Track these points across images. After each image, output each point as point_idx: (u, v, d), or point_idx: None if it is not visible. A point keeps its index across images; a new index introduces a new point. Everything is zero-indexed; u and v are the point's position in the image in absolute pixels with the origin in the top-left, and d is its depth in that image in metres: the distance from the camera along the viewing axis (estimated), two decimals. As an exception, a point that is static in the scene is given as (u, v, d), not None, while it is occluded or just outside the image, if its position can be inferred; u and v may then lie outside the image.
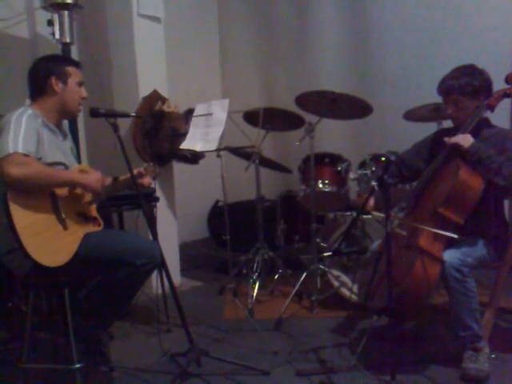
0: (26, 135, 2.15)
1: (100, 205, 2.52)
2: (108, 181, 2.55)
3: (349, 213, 3.50)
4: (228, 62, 5.37)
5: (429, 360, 2.53)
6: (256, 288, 3.45)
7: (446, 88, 2.51)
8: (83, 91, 2.46)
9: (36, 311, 2.64)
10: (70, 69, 2.42)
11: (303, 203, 3.70)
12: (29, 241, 2.05)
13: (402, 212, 2.57)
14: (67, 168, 2.37)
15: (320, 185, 3.52)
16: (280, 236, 4.02)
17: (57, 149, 2.36)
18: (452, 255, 2.31)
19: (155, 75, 3.75)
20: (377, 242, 2.76)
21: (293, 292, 3.28)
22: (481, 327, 2.39)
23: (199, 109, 3.23)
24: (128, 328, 3.11)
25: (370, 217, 3.21)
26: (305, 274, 3.33)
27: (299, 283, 3.30)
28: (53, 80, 2.36)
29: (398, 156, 2.82)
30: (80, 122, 3.74)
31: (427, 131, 2.89)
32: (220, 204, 4.68)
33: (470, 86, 2.46)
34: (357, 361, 2.54)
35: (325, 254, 3.28)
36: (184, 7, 4.93)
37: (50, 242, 2.15)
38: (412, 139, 2.90)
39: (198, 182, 4.84)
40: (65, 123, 2.58)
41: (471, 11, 3.92)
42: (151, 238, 2.55)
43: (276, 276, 3.70)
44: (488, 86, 2.51)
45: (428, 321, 2.94)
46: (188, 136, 3.17)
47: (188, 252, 4.63)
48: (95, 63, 3.82)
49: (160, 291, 3.20)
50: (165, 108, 3.58)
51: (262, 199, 3.90)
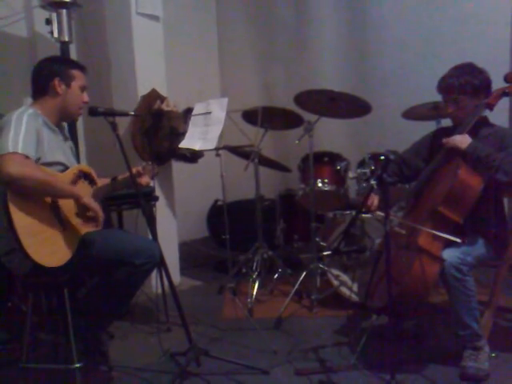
0: (27, 135, 2.15)
1: (99, 204, 2.51)
2: (106, 181, 2.55)
3: (348, 212, 3.49)
4: (227, 61, 5.37)
5: (428, 359, 2.54)
6: (255, 287, 3.45)
7: (446, 86, 2.51)
8: (85, 96, 2.45)
9: (36, 311, 2.63)
10: (75, 72, 2.41)
11: (302, 202, 3.70)
12: (28, 241, 2.05)
13: (402, 211, 2.57)
14: (67, 168, 2.37)
15: (319, 184, 3.53)
16: (279, 235, 4.02)
17: (57, 148, 2.35)
18: (451, 254, 2.31)
19: (154, 74, 3.75)
20: (378, 241, 2.77)
21: (292, 291, 3.29)
22: (480, 326, 2.39)
23: (198, 108, 3.22)
24: (128, 327, 3.11)
25: (370, 216, 3.22)
26: (304, 273, 3.33)
27: (299, 282, 3.30)
28: (56, 81, 2.35)
29: (399, 155, 2.82)
30: (79, 121, 3.73)
31: (426, 130, 2.89)
32: (219, 203, 4.67)
33: (470, 85, 2.46)
34: (356, 360, 2.54)
35: (324, 253, 3.29)
36: (183, 6, 4.93)
37: (50, 242, 2.14)
38: (411, 138, 2.90)
39: (198, 181, 4.84)
40: (64, 123, 2.58)
41: (470, 10, 3.92)
42: (151, 238, 2.54)
43: (275, 275, 3.70)
44: (487, 85, 2.51)
45: (428, 320, 2.94)
46: (187, 135, 3.17)
47: (187, 251, 4.64)
48: (94, 62, 3.81)
49: (159, 290, 3.19)
50: (164, 107, 3.58)
51: (262, 198, 3.90)
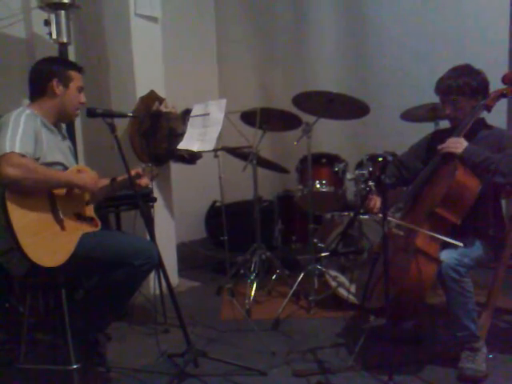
0: (24, 135, 2.15)
1: (97, 205, 2.51)
2: (105, 182, 2.55)
3: (346, 213, 3.49)
4: (225, 62, 5.38)
5: (426, 360, 2.53)
6: (253, 288, 3.45)
7: (444, 88, 2.52)
8: (82, 96, 2.46)
9: (33, 312, 2.63)
10: (73, 73, 2.41)
11: (300, 203, 3.70)
12: (26, 241, 2.05)
13: (399, 212, 2.57)
14: (66, 168, 2.37)
15: (317, 185, 3.53)
16: (277, 236, 4.02)
17: (56, 149, 2.35)
18: (449, 255, 2.32)
19: (152, 75, 3.74)
20: (376, 242, 2.77)
21: (290, 292, 3.28)
22: (478, 327, 2.39)
23: (196, 109, 3.22)
24: (125, 329, 3.11)
25: (368, 217, 3.22)
26: (302, 275, 3.33)
27: (297, 283, 3.30)
28: (54, 82, 2.35)
29: (398, 158, 2.83)
30: (77, 123, 3.74)
31: (425, 131, 2.90)
32: (217, 204, 4.68)
33: (468, 86, 2.46)
34: (354, 361, 2.54)
35: (322, 255, 3.29)
36: (181, 7, 4.93)
37: (48, 243, 2.14)
38: (409, 139, 2.90)
39: (196, 183, 4.84)
40: (62, 123, 2.58)
41: (468, 12, 3.94)
42: (149, 239, 2.54)
43: (273, 276, 3.69)
44: (485, 86, 2.51)
45: (426, 321, 2.94)
46: (185, 136, 3.17)
47: (185, 252, 4.64)
48: (92, 63, 3.81)
49: (157, 292, 3.19)
50: (162, 108, 3.58)
51: (260, 199, 3.90)
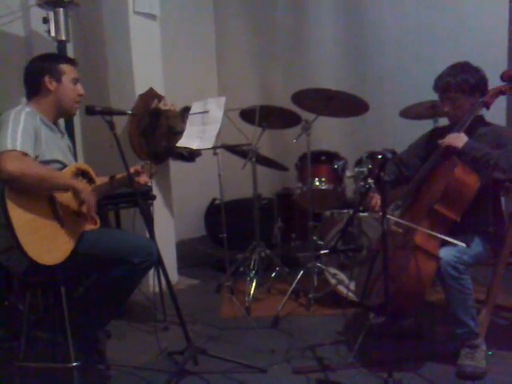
0: (25, 133, 2.15)
1: (97, 203, 2.51)
2: (104, 179, 2.55)
3: (345, 210, 3.50)
4: (224, 60, 5.37)
5: (426, 357, 2.54)
6: (253, 286, 3.45)
7: (443, 85, 2.52)
8: (79, 88, 2.44)
9: (33, 310, 2.63)
10: (64, 66, 2.40)
11: (300, 201, 3.70)
12: (26, 239, 2.05)
13: (399, 209, 2.57)
14: (65, 166, 2.36)
15: (317, 182, 3.53)
16: (277, 234, 4.02)
17: (55, 146, 2.35)
18: (448, 252, 2.32)
19: (151, 73, 3.74)
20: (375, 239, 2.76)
21: (290, 290, 3.29)
22: (477, 324, 2.39)
23: (195, 106, 3.22)
24: (125, 326, 3.11)
25: (367, 214, 3.22)
26: (302, 272, 3.34)
27: (296, 281, 3.30)
28: (46, 79, 2.35)
29: (397, 156, 2.83)
30: (76, 120, 3.73)
31: (424, 129, 2.90)
32: (217, 202, 4.68)
33: (467, 84, 2.46)
34: (354, 358, 2.54)
35: (322, 252, 3.29)
36: (180, 5, 4.92)
37: (47, 240, 2.14)
38: (408, 137, 2.90)
39: (195, 180, 4.84)
40: (61, 121, 2.57)
41: (468, 10, 3.93)
42: (148, 236, 2.54)
43: (273, 274, 3.70)
44: (484, 84, 2.52)
45: (425, 318, 2.95)
46: (184, 134, 3.17)
47: (185, 250, 4.64)
48: (91, 61, 3.81)
49: (157, 289, 3.19)
50: (161, 106, 3.58)
51: (259, 197, 3.90)
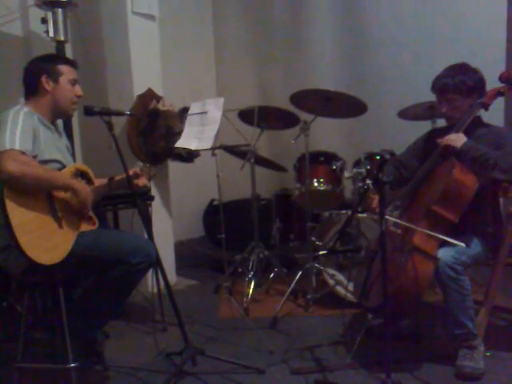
0: (23, 132, 2.15)
1: (95, 204, 2.51)
2: (103, 181, 2.54)
3: (344, 211, 3.50)
4: (223, 61, 5.37)
5: (424, 358, 2.54)
6: (251, 287, 3.45)
7: (441, 86, 2.52)
8: (78, 89, 2.44)
9: (31, 311, 2.63)
10: (62, 67, 2.40)
11: (298, 202, 3.70)
12: (24, 238, 2.04)
13: (397, 210, 2.57)
14: (64, 166, 2.36)
15: (315, 183, 3.53)
16: (275, 235, 4.02)
17: (53, 146, 2.35)
18: (446, 253, 2.32)
19: (150, 73, 3.74)
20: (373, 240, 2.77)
21: (288, 290, 3.29)
22: (476, 325, 2.39)
23: (194, 107, 3.22)
24: (123, 327, 3.10)
25: (365, 215, 3.22)
26: (300, 273, 3.33)
27: (294, 282, 3.31)
28: (43, 79, 2.35)
29: (396, 158, 2.83)
30: (74, 121, 3.72)
31: (422, 129, 2.90)
32: (215, 203, 4.68)
33: (465, 85, 2.47)
34: (352, 359, 2.55)
35: (320, 253, 3.29)
36: (179, 5, 4.93)
37: (45, 240, 2.14)
38: (407, 138, 2.91)
39: (193, 181, 4.84)
40: (59, 121, 2.57)
41: (466, 11, 3.94)
42: (146, 237, 2.54)
43: (271, 275, 3.70)
44: (481, 85, 2.52)
45: (423, 319, 2.95)
46: (183, 134, 3.17)
47: (183, 251, 4.64)
48: (90, 61, 3.80)
49: (155, 290, 3.19)
50: (160, 106, 3.57)
51: (258, 198, 3.90)
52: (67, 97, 2.41)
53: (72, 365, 2.22)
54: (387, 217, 2.36)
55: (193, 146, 3.06)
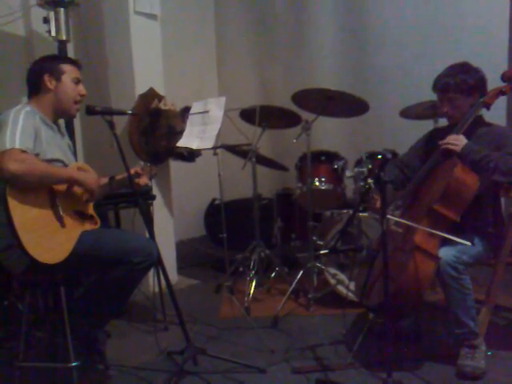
0: (24, 131, 2.15)
1: (97, 203, 2.51)
2: (104, 180, 2.55)
3: (345, 210, 3.50)
4: (224, 60, 5.37)
5: (425, 357, 2.54)
6: (253, 286, 3.45)
7: (442, 86, 2.52)
8: (81, 88, 2.44)
9: (32, 309, 2.63)
10: (65, 66, 2.41)
11: (300, 201, 3.70)
12: (26, 237, 2.05)
13: (399, 210, 2.57)
14: (65, 165, 2.37)
15: (317, 183, 3.53)
16: (277, 234, 4.02)
17: (55, 145, 2.36)
18: (447, 252, 2.32)
19: (152, 73, 3.74)
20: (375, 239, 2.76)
21: (289, 290, 3.29)
22: (477, 324, 2.39)
23: (196, 106, 3.22)
24: (125, 326, 3.11)
25: (367, 214, 3.22)
26: (301, 272, 3.34)
27: (296, 281, 3.31)
28: (46, 77, 2.36)
29: (399, 159, 2.83)
30: (76, 120, 3.73)
31: (424, 129, 2.90)
32: (217, 202, 4.68)
33: (466, 84, 2.46)
34: (353, 358, 2.55)
35: (321, 252, 3.28)
36: (181, 5, 4.93)
37: (48, 239, 2.14)
38: (409, 137, 2.91)
39: (195, 180, 4.85)
40: (61, 121, 2.57)
41: (468, 10, 3.93)
42: (148, 236, 2.54)
43: (273, 274, 3.70)
44: (483, 84, 2.52)
45: (425, 318, 2.95)
46: (184, 134, 3.17)
47: (185, 250, 4.64)
48: (92, 61, 3.81)
49: (157, 289, 3.19)
50: (161, 106, 3.58)
51: (259, 197, 3.90)
52: (70, 95, 2.41)
53: (73, 364, 2.22)
54: (389, 216, 2.35)
55: (194, 146, 3.07)
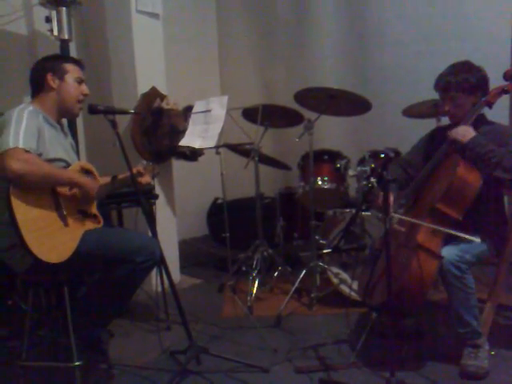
0: (27, 131, 2.16)
1: (99, 202, 2.52)
2: (107, 179, 2.55)
3: (348, 210, 3.49)
4: (227, 59, 5.37)
5: (428, 357, 2.53)
6: (255, 285, 3.45)
7: (443, 84, 2.51)
8: (84, 88, 2.45)
9: (36, 309, 2.63)
10: (68, 65, 2.42)
11: (302, 200, 3.70)
12: (30, 236, 2.05)
13: (401, 208, 2.56)
14: (68, 165, 2.37)
15: (319, 182, 3.53)
16: (279, 233, 4.01)
17: (58, 145, 2.36)
18: (450, 251, 2.31)
19: (154, 72, 3.74)
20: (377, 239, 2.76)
21: (292, 289, 3.29)
22: (480, 324, 2.39)
23: (198, 105, 3.23)
24: (128, 325, 3.11)
25: (370, 213, 3.22)
26: (304, 271, 3.33)
27: (298, 280, 3.30)
28: (49, 76, 2.36)
29: (403, 159, 2.83)
30: (79, 119, 3.73)
31: (427, 127, 2.89)
32: (219, 201, 4.68)
33: (468, 83, 2.46)
34: (356, 358, 2.54)
35: (324, 251, 3.28)
36: (183, 4, 4.93)
37: (51, 238, 2.14)
38: (411, 136, 2.90)
39: (197, 179, 4.85)
40: (64, 121, 2.58)
41: (470, 8, 3.93)
42: (150, 236, 2.54)
43: (275, 273, 3.69)
44: (485, 83, 2.51)
45: (428, 317, 2.94)
46: (187, 133, 3.18)
47: (187, 249, 4.64)
48: (94, 60, 3.81)
49: (159, 289, 3.19)
50: (164, 105, 3.58)
51: (261, 196, 3.90)
52: (73, 94, 2.41)
53: (76, 363, 2.22)
54: (393, 214, 2.35)
55: (197, 145, 3.07)
